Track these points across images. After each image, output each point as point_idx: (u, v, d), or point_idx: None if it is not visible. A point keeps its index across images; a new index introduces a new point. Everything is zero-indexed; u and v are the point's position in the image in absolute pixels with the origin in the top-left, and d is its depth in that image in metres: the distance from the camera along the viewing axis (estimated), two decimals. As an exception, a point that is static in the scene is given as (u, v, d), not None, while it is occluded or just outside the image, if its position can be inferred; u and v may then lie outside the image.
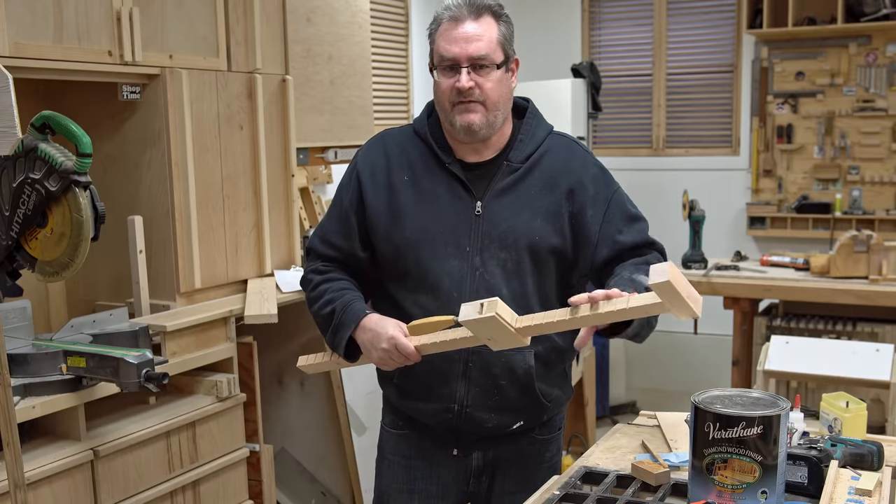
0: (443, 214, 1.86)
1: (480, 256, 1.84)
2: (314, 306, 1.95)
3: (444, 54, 1.81)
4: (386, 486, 2.06)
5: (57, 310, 2.83)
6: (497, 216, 1.86)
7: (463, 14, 1.80)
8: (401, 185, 1.89)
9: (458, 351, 1.85)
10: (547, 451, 2.04)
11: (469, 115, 1.81)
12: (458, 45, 1.79)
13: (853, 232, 4.03)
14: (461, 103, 1.81)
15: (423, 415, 1.97)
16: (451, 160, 1.89)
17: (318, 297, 1.94)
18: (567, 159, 1.91)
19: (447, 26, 1.82)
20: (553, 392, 1.97)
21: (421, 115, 1.97)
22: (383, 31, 4.75)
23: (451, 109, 1.83)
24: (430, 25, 1.89)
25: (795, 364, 3.13)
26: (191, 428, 2.58)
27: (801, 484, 1.62)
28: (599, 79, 5.02)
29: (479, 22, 1.80)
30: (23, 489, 1.86)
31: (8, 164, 2.13)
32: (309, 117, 3.41)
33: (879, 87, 5.06)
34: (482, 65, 1.80)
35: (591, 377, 4.52)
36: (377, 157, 1.94)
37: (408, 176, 1.90)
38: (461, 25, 1.80)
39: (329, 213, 2.01)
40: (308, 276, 2.00)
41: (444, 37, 1.81)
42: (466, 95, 1.80)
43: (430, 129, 1.92)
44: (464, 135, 1.84)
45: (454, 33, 1.80)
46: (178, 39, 2.71)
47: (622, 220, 1.90)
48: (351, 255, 1.96)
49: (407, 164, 1.91)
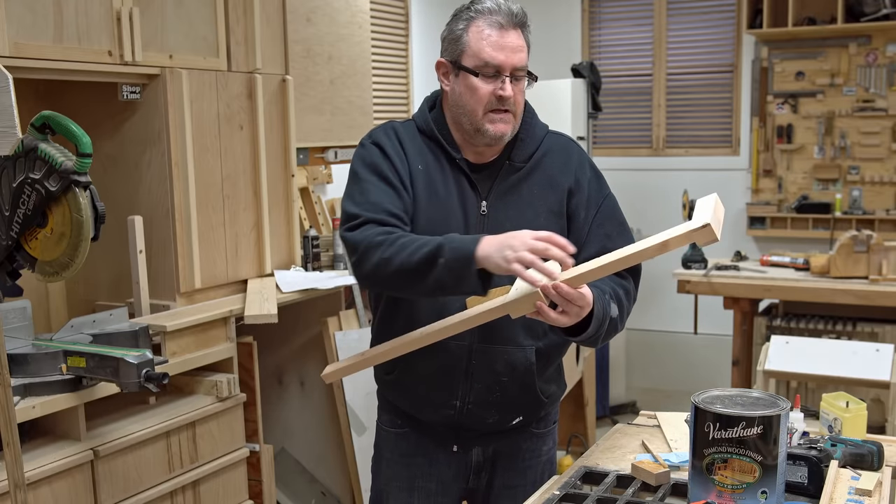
0: (452, 212, 1.87)
1: None
2: (397, 258, 1.69)
3: (490, 61, 1.81)
4: (384, 485, 2.06)
5: (57, 310, 2.83)
6: (502, 216, 1.87)
7: (509, 23, 1.82)
8: (417, 174, 1.88)
9: (461, 348, 1.86)
10: (544, 444, 2.06)
11: (502, 125, 1.83)
12: (504, 54, 1.80)
13: (853, 232, 4.03)
14: (496, 112, 1.82)
15: (424, 412, 1.97)
16: (461, 157, 1.90)
17: (402, 248, 1.69)
18: (566, 160, 1.93)
19: (491, 32, 1.81)
20: (550, 388, 1.99)
21: (422, 111, 1.96)
22: (383, 31, 4.75)
23: (483, 116, 1.83)
24: (457, 21, 1.85)
25: (795, 364, 3.13)
26: (191, 428, 2.58)
27: (801, 484, 1.62)
28: (599, 79, 5.02)
29: (518, 32, 1.84)
30: (23, 489, 1.86)
31: (8, 164, 2.13)
32: (309, 117, 3.41)
33: (879, 87, 5.06)
34: (520, 76, 1.84)
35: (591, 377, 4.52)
36: (394, 142, 1.91)
37: (422, 165, 1.89)
38: (507, 35, 1.82)
39: (363, 188, 1.83)
40: (375, 239, 1.73)
41: (489, 42, 1.81)
42: (505, 104, 1.82)
43: (436, 123, 1.92)
44: (488, 141, 1.85)
45: (502, 41, 1.81)
46: (178, 39, 2.71)
47: (612, 224, 1.92)
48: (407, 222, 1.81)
49: (419, 154, 1.90)
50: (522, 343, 1.88)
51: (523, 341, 1.88)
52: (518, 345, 1.87)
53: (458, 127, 1.89)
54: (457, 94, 1.86)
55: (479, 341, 1.86)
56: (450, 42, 1.87)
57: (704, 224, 1.48)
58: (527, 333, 1.88)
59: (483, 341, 1.86)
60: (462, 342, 1.85)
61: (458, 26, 1.85)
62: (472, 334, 1.84)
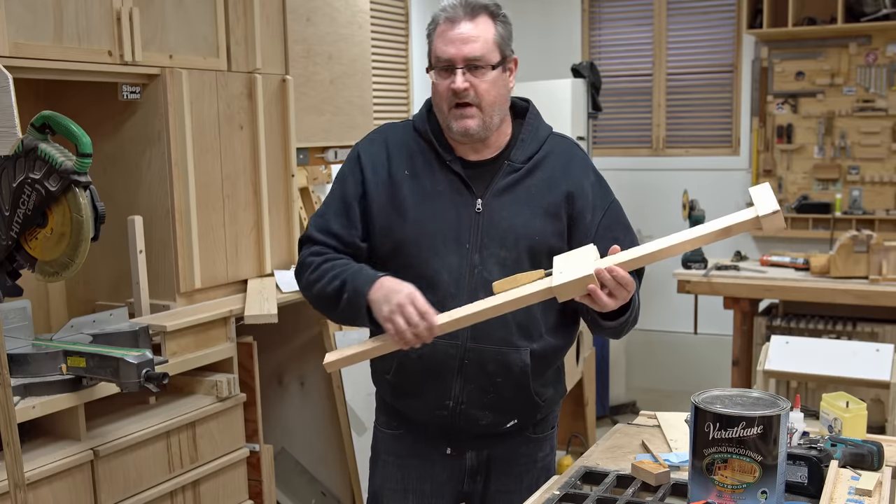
0: (443, 211, 1.86)
1: (480, 254, 1.85)
2: (317, 285, 1.85)
3: (440, 55, 1.81)
4: (379, 487, 2.06)
5: (57, 310, 2.83)
6: (497, 214, 1.86)
7: (459, 14, 1.80)
8: (401, 180, 1.89)
9: (455, 347, 1.85)
10: (540, 450, 2.04)
11: (465, 120, 1.82)
12: (453, 46, 1.79)
13: (853, 232, 4.03)
14: (458, 107, 1.82)
15: (417, 412, 1.97)
16: (452, 158, 1.89)
17: (322, 275, 1.84)
18: (568, 163, 1.92)
19: (444, 27, 1.82)
20: (547, 391, 1.97)
21: (421, 112, 1.97)
22: (383, 31, 4.75)
23: (448, 112, 1.83)
24: (428, 26, 1.89)
25: (795, 364, 3.13)
26: (191, 428, 2.58)
27: (801, 484, 1.62)
28: (599, 79, 5.02)
29: (475, 22, 1.80)
30: (23, 489, 1.86)
31: (8, 164, 2.13)
32: (309, 117, 3.41)
33: (879, 87, 5.06)
34: (477, 66, 1.80)
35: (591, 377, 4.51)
36: (378, 150, 1.93)
37: (408, 170, 1.89)
38: (457, 26, 1.80)
39: (327, 202, 1.95)
40: (306, 259, 1.90)
41: (440, 37, 1.82)
42: (461, 97, 1.80)
43: (431, 126, 1.92)
44: (460, 138, 1.85)
45: (450, 34, 1.80)
46: (178, 39, 2.71)
47: (619, 228, 1.93)
48: (351, 244, 1.90)
49: (408, 159, 1.91)
50: (517, 344, 1.87)
51: (518, 342, 1.87)
52: (512, 346, 1.86)
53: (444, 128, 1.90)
54: (432, 95, 1.88)
55: (472, 341, 1.85)
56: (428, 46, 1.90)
57: (775, 210, 1.49)
58: (521, 335, 1.87)
59: (476, 341, 1.85)
60: (455, 341, 1.85)
61: (429, 29, 1.88)
62: (465, 334, 1.84)
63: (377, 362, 2.01)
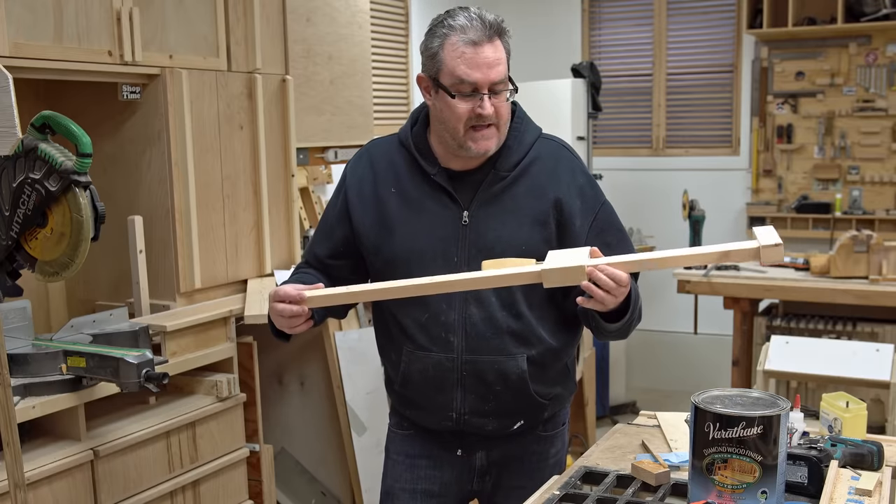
0: (430, 226, 1.86)
1: (469, 267, 1.83)
2: None
3: (465, 78, 1.76)
4: (390, 486, 2.07)
5: (57, 310, 2.83)
6: (484, 226, 1.85)
7: (482, 37, 1.76)
8: (388, 197, 1.89)
9: (452, 360, 1.86)
10: (552, 446, 2.04)
11: (485, 142, 1.80)
12: (479, 71, 1.75)
13: (853, 232, 4.03)
14: (477, 129, 1.79)
15: (425, 421, 1.99)
16: (437, 170, 1.87)
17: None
18: (555, 167, 1.89)
19: (465, 49, 1.76)
20: (552, 390, 1.97)
21: (405, 127, 1.95)
22: (383, 31, 4.75)
23: (465, 133, 1.80)
24: (431, 37, 1.82)
25: (795, 364, 3.13)
26: (191, 428, 2.58)
27: (801, 484, 1.62)
28: (599, 79, 5.02)
29: (494, 44, 1.77)
30: (23, 489, 1.86)
31: (8, 164, 2.13)
32: (309, 117, 3.41)
33: (879, 87, 5.06)
34: (500, 90, 1.79)
35: (591, 377, 4.52)
36: (364, 170, 1.94)
37: (395, 188, 1.89)
38: (482, 50, 1.76)
39: (318, 225, 2.04)
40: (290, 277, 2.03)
41: (463, 60, 1.76)
42: (486, 120, 1.78)
43: (414, 139, 1.90)
44: (473, 157, 1.83)
45: (476, 59, 1.75)
46: (178, 39, 2.71)
47: (611, 233, 1.91)
48: (330, 265, 1.99)
49: (393, 176, 1.90)
50: (512, 352, 1.86)
51: (513, 350, 1.86)
52: (508, 354, 1.86)
53: (441, 140, 1.86)
54: (438, 109, 1.83)
55: (468, 353, 1.86)
56: (427, 58, 1.83)
57: (777, 243, 1.55)
58: (517, 342, 1.87)
59: (471, 353, 1.86)
60: (451, 354, 1.86)
61: (433, 43, 1.81)
62: (461, 347, 1.85)
63: (388, 371, 2.03)
